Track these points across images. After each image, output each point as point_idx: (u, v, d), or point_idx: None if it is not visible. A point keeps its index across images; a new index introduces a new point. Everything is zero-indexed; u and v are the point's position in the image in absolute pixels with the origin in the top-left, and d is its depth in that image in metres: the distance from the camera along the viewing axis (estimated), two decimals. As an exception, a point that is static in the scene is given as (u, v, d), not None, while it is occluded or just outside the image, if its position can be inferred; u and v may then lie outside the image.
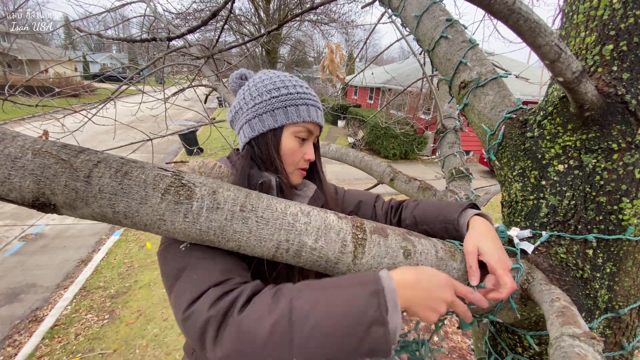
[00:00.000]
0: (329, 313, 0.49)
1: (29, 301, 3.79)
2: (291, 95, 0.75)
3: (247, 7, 12.29)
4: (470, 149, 12.03)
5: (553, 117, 0.69)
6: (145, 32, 2.85)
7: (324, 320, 0.49)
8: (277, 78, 0.78)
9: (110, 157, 0.55)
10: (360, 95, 19.39)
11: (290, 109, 0.75)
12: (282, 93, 0.75)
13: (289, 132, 0.76)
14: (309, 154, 0.79)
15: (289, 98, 0.75)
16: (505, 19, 0.50)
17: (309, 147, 0.80)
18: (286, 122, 0.75)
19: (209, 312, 0.51)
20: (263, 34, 1.75)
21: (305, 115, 0.75)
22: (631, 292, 0.69)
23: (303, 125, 0.76)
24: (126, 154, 0.63)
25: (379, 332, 0.48)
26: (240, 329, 0.50)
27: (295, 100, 0.75)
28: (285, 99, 0.75)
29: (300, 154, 0.78)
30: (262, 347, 0.49)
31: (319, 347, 0.48)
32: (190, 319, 0.53)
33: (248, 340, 0.49)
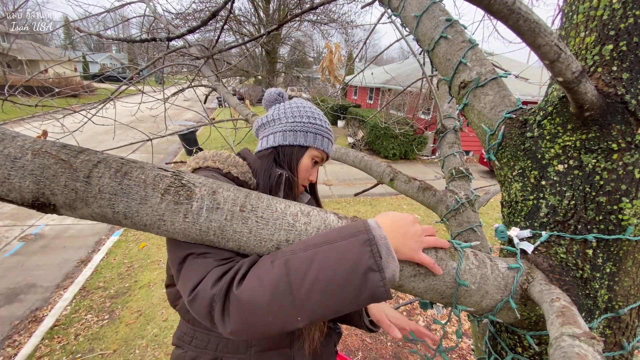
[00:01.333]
0: (325, 268, 0.52)
1: (28, 301, 3.79)
2: (321, 128, 0.93)
3: (247, 7, 12.29)
4: (470, 149, 12.03)
5: (553, 117, 0.69)
6: (144, 33, 2.84)
7: (321, 275, 0.51)
8: (315, 110, 0.96)
9: (110, 157, 0.55)
10: (360, 96, 19.39)
11: (318, 137, 0.92)
12: (316, 123, 0.92)
13: (310, 153, 0.92)
14: (314, 177, 0.96)
15: (319, 128, 0.92)
16: (505, 19, 0.50)
17: (315, 171, 0.96)
18: (312, 144, 0.91)
19: (212, 290, 0.54)
20: (263, 34, 1.75)
21: (326, 146, 0.93)
22: (631, 292, 0.69)
23: (321, 152, 0.93)
24: (126, 154, 0.63)
25: (376, 277, 0.52)
26: (241, 301, 0.53)
27: (323, 132, 0.93)
28: (316, 128, 0.92)
29: (309, 173, 0.93)
30: (265, 314, 0.52)
31: (321, 302, 0.51)
32: (196, 299, 0.56)
33: (251, 310, 0.52)
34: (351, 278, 0.52)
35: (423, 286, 0.63)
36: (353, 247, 0.53)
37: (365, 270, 0.52)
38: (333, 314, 0.53)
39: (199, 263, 0.59)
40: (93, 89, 5.16)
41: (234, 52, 13.36)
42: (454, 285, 0.64)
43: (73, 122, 2.15)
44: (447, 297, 0.65)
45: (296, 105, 0.95)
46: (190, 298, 0.56)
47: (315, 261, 0.52)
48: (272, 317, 0.52)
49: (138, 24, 3.50)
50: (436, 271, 0.60)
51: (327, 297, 0.51)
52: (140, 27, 2.90)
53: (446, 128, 1.62)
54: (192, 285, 0.57)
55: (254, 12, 11.99)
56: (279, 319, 0.52)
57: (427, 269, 0.62)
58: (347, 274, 0.52)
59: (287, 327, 0.53)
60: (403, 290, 0.65)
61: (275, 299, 0.51)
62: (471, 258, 0.67)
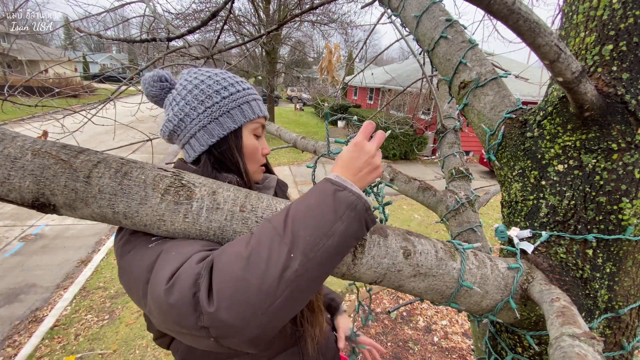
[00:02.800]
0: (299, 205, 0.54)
1: (28, 301, 3.79)
2: (240, 93, 0.73)
3: (247, 7, 12.29)
4: (470, 149, 12.03)
5: (553, 117, 0.69)
6: (144, 33, 2.84)
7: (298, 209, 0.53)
8: (219, 77, 0.73)
9: (110, 157, 0.55)
10: (360, 96, 19.40)
11: (245, 107, 0.73)
12: (232, 92, 0.72)
13: (248, 130, 0.74)
14: (266, 149, 0.80)
15: (240, 96, 0.72)
16: (504, 19, 0.50)
17: (263, 142, 0.80)
18: (244, 120, 0.72)
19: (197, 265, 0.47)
20: (263, 34, 1.75)
21: (258, 110, 0.75)
22: (631, 292, 0.69)
23: (258, 121, 0.76)
24: (126, 155, 0.63)
25: (344, 193, 0.55)
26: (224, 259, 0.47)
27: (247, 97, 0.73)
28: (237, 97, 0.72)
29: (259, 150, 0.78)
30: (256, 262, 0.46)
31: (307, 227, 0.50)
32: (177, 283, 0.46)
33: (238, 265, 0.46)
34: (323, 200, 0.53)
35: (423, 286, 0.63)
36: (315, 188, 0.57)
37: (333, 191, 0.54)
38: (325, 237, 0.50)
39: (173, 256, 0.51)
40: (93, 89, 5.16)
41: (234, 53, 13.36)
42: (454, 285, 0.64)
43: (73, 122, 2.15)
44: (447, 297, 0.65)
45: (196, 85, 0.71)
46: (168, 285, 0.46)
47: (291, 208, 0.54)
48: (265, 264, 0.46)
49: (138, 24, 3.50)
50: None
51: (310, 221, 0.51)
52: (140, 27, 2.90)
53: (446, 128, 1.62)
54: (172, 269, 0.48)
55: (254, 12, 11.99)
56: (272, 264, 0.46)
57: (426, 269, 0.62)
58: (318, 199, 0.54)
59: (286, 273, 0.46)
60: (403, 291, 0.65)
61: (262, 243, 0.48)
62: (471, 258, 0.67)
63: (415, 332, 3.56)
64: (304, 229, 0.50)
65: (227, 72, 0.77)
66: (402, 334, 3.51)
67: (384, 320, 3.70)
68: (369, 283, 0.64)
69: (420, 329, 3.61)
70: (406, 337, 3.47)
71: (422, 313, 3.84)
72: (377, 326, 3.61)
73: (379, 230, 0.63)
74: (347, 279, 0.64)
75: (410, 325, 3.64)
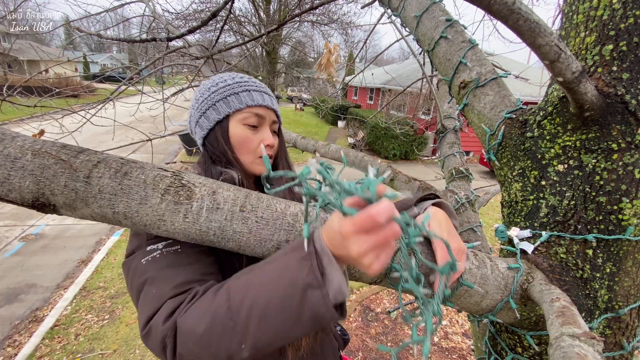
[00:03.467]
0: (263, 289, 0.47)
1: (29, 301, 3.79)
2: (229, 86, 0.76)
3: (247, 7, 12.29)
4: (470, 149, 12.02)
5: (553, 117, 0.69)
6: (144, 33, 2.85)
7: (259, 297, 0.47)
8: (217, 78, 0.79)
9: (110, 157, 0.55)
10: (360, 96, 19.40)
11: (231, 98, 0.75)
12: (220, 87, 0.76)
13: (235, 120, 0.75)
14: (267, 139, 0.77)
15: (227, 89, 0.75)
16: (505, 19, 0.50)
17: (265, 133, 0.78)
18: (229, 110, 0.74)
19: (164, 325, 0.51)
20: (263, 34, 1.75)
21: (248, 100, 0.75)
22: (631, 292, 0.69)
23: (248, 111, 0.75)
24: (126, 155, 0.63)
25: (316, 295, 0.45)
26: (182, 330, 0.49)
27: (234, 89, 0.75)
28: (223, 90, 0.75)
29: (256, 141, 0.76)
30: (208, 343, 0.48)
31: (262, 326, 0.47)
32: (150, 335, 0.52)
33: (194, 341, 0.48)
34: (290, 297, 0.46)
35: (423, 286, 0.63)
36: (292, 263, 0.47)
37: (304, 287, 0.45)
38: (280, 340, 0.48)
39: (153, 293, 0.55)
40: (93, 89, 5.17)
41: (234, 53, 13.36)
42: (454, 285, 0.64)
43: (72, 122, 2.16)
44: (447, 296, 0.65)
45: (199, 89, 0.80)
46: (144, 333, 0.53)
47: (254, 283, 0.49)
48: (216, 347, 0.48)
49: (138, 24, 3.51)
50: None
51: (268, 321, 0.46)
52: (140, 27, 2.90)
53: (446, 128, 1.62)
54: (145, 319, 0.53)
55: (254, 12, 11.99)
56: (222, 348, 0.48)
57: None
58: (285, 293, 0.46)
59: (234, 358, 0.48)
60: (403, 291, 0.65)
61: (215, 326, 0.47)
62: (471, 258, 0.67)
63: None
64: (258, 325, 0.47)
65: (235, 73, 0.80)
66: (402, 334, 3.51)
67: (384, 320, 3.70)
68: (369, 283, 0.64)
69: (421, 329, 3.61)
70: (406, 337, 3.47)
71: (422, 313, 3.84)
72: (377, 326, 3.61)
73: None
74: (348, 279, 0.64)
75: (411, 326, 3.64)
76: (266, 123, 0.79)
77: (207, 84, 0.78)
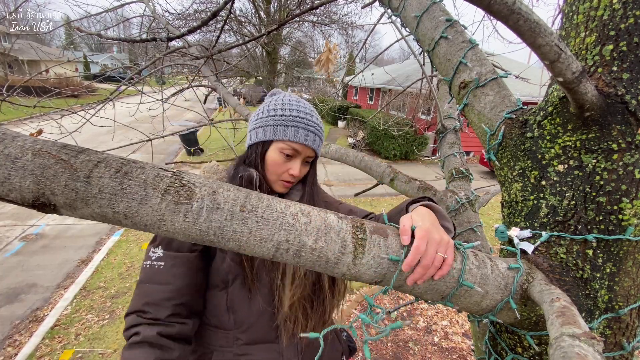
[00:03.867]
0: None
1: (29, 301, 3.79)
2: (284, 117, 0.87)
3: (248, 7, 12.30)
4: (470, 149, 12.02)
5: (553, 117, 0.69)
6: (144, 33, 2.85)
7: None
8: (282, 101, 0.91)
9: (110, 157, 0.55)
10: (360, 96, 19.39)
11: (279, 128, 0.87)
12: (278, 114, 0.88)
13: (276, 147, 0.88)
14: (293, 170, 0.89)
15: (281, 119, 0.87)
16: (505, 19, 0.50)
17: (294, 164, 0.89)
18: (273, 138, 0.87)
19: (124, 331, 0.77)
20: (263, 34, 1.75)
21: (291, 136, 0.86)
22: (631, 292, 0.69)
23: (288, 144, 0.87)
24: (126, 155, 0.63)
25: None
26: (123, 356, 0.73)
27: (286, 121, 0.87)
28: (278, 119, 0.87)
29: (284, 167, 0.89)
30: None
31: None
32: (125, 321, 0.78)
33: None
34: None
35: (423, 286, 0.63)
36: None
37: None
38: None
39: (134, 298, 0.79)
40: (93, 90, 5.17)
41: (235, 53, 13.35)
42: (454, 285, 0.64)
43: (72, 122, 2.16)
44: (447, 296, 0.65)
45: (268, 102, 0.93)
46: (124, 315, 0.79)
47: None
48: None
49: (138, 24, 3.50)
50: None
51: None
52: (140, 27, 2.90)
53: (446, 128, 1.62)
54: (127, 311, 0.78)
55: (254, 12, 11.99)
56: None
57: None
58: None
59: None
60: (403, 291, 0.65)
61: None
62: (471, 258, 0.67)
63: (415, 332, 3.56)
64: None
65: (299, 100, 0.92)
66: (402, 334, 3.51)
67: (384, 321, 3.69)
68: (369, 283, 0.64)
69: (421, 329, 3.61)
70: (406, 337, 3.47)
71: (423, 313, 3.84)
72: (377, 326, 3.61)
73: (380, 231, 0.63)
74: (347, 279, 0.64)
75: (411, 326, 3.64)
76: (300, 156, 0.90)
77: (272, 104, 0.90)
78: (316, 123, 0.91)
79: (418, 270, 0.59)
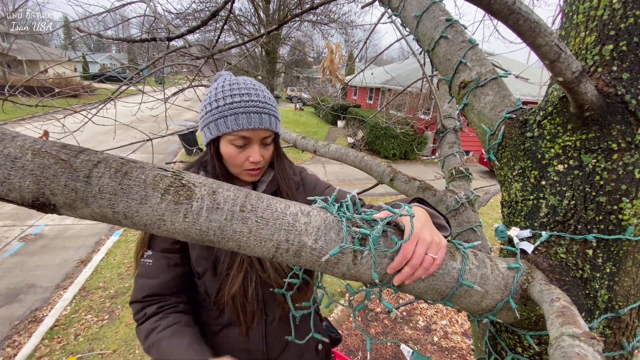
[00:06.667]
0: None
1: (28, 302, 3.78)
2: (220, 109, 0.83)
3: (247, 7, 12.28)
4: (470, 149, 12.03)
5: (553, 117, 0.69)
6: (145, 33, 2.84)
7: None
8: (216, 90, 0.86)
9: (110, 157, 0.55)
10: (360, 96, 19.39)
11: (220, 122, 0.83)
12: (214, 107, 0.84)
13: (225, 140, 0.86)
14: (252, 157, 0.87)
15: (218, 111, 0.83)
16: (505, 19, 0.50)
17: (251, 151, 0.87)
18: (218, 133, 0.84)
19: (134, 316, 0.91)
20: (263, 34, 1.75)
21: (234, 125, 0.83)
22: (631, 292, 0.69)
23: (234, 135, 0.84)
24: (126, 154, 0.63)
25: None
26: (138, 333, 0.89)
27: (224, 112, 0.83)
28: (216, 112, 0.84)
29: (242, 157, 0.87)
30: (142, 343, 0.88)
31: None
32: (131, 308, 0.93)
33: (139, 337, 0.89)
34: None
35: (423, 286, 0.63)
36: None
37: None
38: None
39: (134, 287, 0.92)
40: (93, 89, 5.16)
41: (234, 52, 13.35)
42: (454, 285, 0.64)
43: (73, 122, 2.15)
44: (446, 296, 0.65)
45: (207, 94, 0.89)
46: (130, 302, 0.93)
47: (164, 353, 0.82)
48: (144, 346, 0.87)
49: (138, 24, 3.50)
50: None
51: None
52: (140, 27, 2.90)
53: (446, 128, 1.62)
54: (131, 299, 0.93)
55: (254, 12, 11.99)
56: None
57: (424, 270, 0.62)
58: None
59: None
60: (403, 291, 0.65)
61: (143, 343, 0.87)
62: (471, 258, 0.67)
63: (415, 332, 3.56)
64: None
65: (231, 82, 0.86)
66: (402, 334, 3.51)
67: (384, 320, 3.70)
68: (369, 283, 0.64)
69: (420, 328, 3.61)
70: (406, 337, 3.47)
71: (422, 313, 3.84)
72: (377, 326, 3.61)
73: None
74: (347, 279, 0.64)
75: (410, 325, 3.65)
76: (254, 141, 0.87)
77: (210, 97, 0.86)
78: (259, 101, 0.85)
79: (406, 270, 0.59)
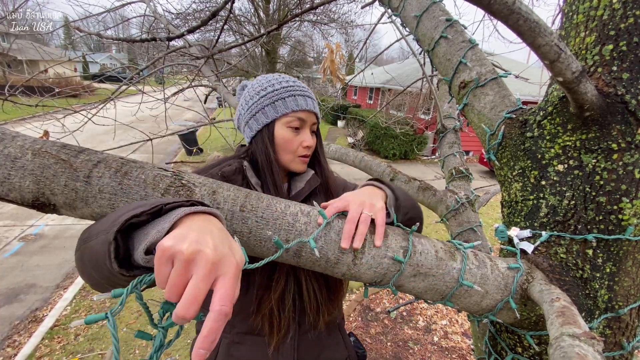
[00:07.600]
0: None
1: (28, 301, 3.78)
2: (277, 91, 0.83)
3: (247, 7, 12.27)
4: (470, 149, 12.02)
5: (553, 117, 0.69)
6: (145, 33, 2.85)
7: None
8: (265, 79, 0.86)
9: (110, 157, 0.55)
10: (359, 96, 19.38)
11: (278, 103, 0.82)
12: (269, 91, 0.83)
13: (281, 123, 0.83)
14: (307, 141, 0.85)
15: (275, 94, 0.83)
16: (505, 19, 0.50)
17: (305, 135, 0.86)
18: (276, 115, 0.82)
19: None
20: (263, 34, 1.75)
21: (293, 105, 0.82)
22: (631, 292, 0.69)
23: (293, 115, 0.83)
24: (126, 154, 0.63)
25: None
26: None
27: (282, 94, 0.82)
28: (272, 95, 0.83)
29: (296, 142, 0.84)
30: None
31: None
32: None
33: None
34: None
35: (423, 286, 0.63)
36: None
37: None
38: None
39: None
40: (93, 89, 5.16)
41: (234, 52, 13.34)
42: (454, 285, 0.64)
43: (74, 122, 2.15)
44: (446, 296, 0.65)
45: (248, 89, 0.88)
46: None
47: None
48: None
49: (138, 24, 3.50)
50: None
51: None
52: (141, 27, 2.90)
53: (446, 128, 1.62)
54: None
55: (254, 12, 11.97)
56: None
57: (426, 269, 0.62)
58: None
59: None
60: (403, 290, 0.65)
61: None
62: (471, 258, 0.67)
63: (415, 331, 3.56)
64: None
65: (280, 75, 0.87)
66: (402, 334, 3.51)
67: (384, 320, 3.70)
68: (369, 283, 0.64)
69: (420, 328, 3.61)
70: (406, 337, 3.47)
71: (422, 313, 3.84)
72: (377, 326, 3.61)
73: (379, 230, 0.63)
74: (347, 279, 0.64)
75: (410, 325, 3.65)
76: (307, 125, 0.86)
77: (257, 87, 0.85)
78: (307, 88, 0.88)
79: (346, 226, 0.60)
